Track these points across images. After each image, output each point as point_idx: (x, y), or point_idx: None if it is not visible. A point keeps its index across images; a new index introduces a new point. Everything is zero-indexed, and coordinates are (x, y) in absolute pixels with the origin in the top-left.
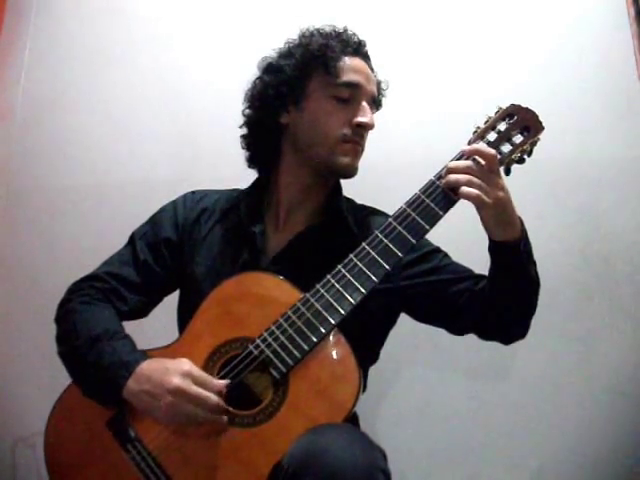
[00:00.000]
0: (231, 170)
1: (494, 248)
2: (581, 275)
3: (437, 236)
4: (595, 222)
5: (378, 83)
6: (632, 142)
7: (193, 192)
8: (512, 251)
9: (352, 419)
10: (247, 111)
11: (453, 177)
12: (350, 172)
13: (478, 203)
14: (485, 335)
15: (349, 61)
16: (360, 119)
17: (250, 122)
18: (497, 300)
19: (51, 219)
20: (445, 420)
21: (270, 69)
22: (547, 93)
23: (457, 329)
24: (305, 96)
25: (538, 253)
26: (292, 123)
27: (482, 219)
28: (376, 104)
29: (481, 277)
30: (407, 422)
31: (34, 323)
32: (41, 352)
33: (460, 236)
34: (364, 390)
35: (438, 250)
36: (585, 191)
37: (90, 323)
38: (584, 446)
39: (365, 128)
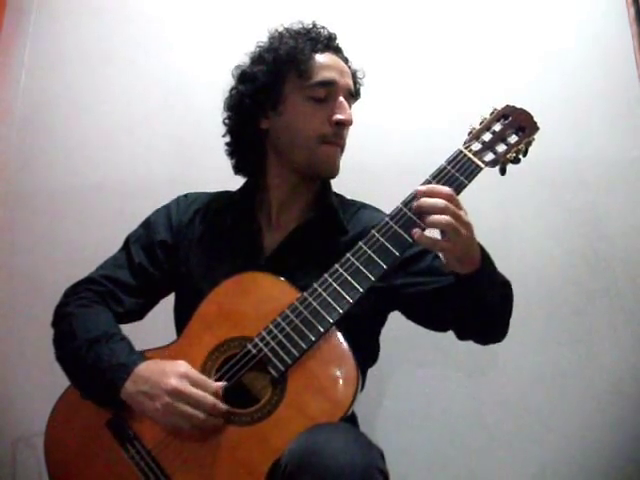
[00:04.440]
0: (231, 170)
1: (455, 278)
2: (581, 275)
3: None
4: (595, 222)
5: (353, 73)
6: (632, 143)
7: (185, 195)
8: (471, 282)
9: (350, 419)
10: (227, 121)
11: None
12: (332, 172)
13: (449, 231)
14: (461, 337)
15: (320, 58)
16: (338, 117)
17: (231, 131)
18: (466, 313)
19: (51, 219)
20: (445, 420)
21: (244, 78)
22: (547, 93)
23: (439, 328)
24: (281, 100)
25: (538, 253)
26: (272, 127)
27: (445, 257)
28: (354, 95)
29: None
30: (406, 422)
31: (34, 323)
32: (41, 352)
33: None
34: (362, 389)
35: (429, 250)
36: (585, 192)
37: (88, 326)
38: (584, 446)
39: (344, 125)
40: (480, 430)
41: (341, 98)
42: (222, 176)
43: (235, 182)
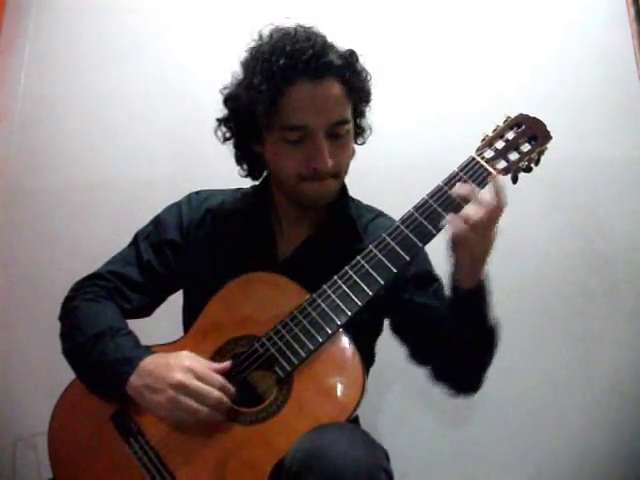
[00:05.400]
0: (232, 170)
1: (454, 291)
2: (581, 275)
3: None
4: (595, 222)
5: (355, 75)
6: (632, 142)
7: (197, 192)
8: (473, 296)
9: (353, 420)
10: (224, 138)
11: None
12: (319, 204)
13: (480, 225)
14: (435, 379)
15: (291, 96)
16: (313, 165)
17: (233, 146)
18: (451, 342)
19: (51, 219)
20: (446, 420)
21: (227, 104)
22: (547, 93)
23: (417, 359)
24: (262, 134)
25: (538, 253)
26: (263, 154)
27: (460, 258)
28: (361, 101)
29: None
30: (409, 422)
31: (34, 323)
32: (41, 352)
33: None
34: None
35: (439, 280)
36: (585, 191)
37: (94, 320)
38: (584, 446)
39: (320, 171)
40: (480, 430)
41: (319, 140)
42: (225, 175)
43: (237, 181)
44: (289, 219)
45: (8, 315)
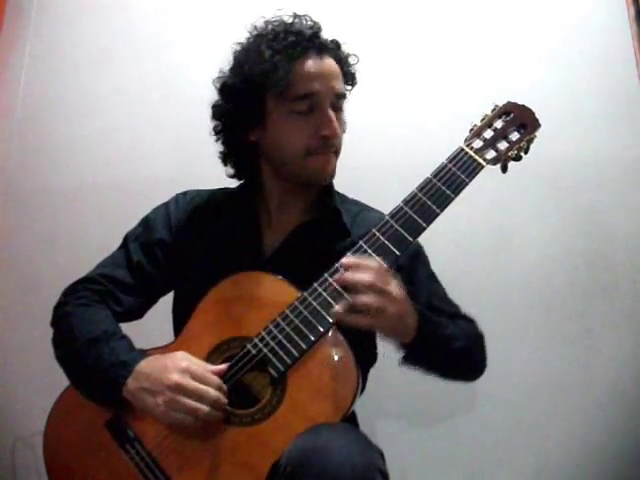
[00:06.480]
0: None
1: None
2: (581, 275)
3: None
4: (595, 222)
5: (345, 59)
6: (632, 142)
7: (184, 193)
8: (409, 350)
9: (350, 419)
10: (216, 130)
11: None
12: (324, 180)
13: (372, 311)
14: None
15: (300, 67)
16: (323, 132)
17: (222, 142)
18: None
19: (51, 219)
20: (444, 421)
21: (224, 92)
22: (547, 93)
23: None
24: (265, 115)
25: (538, 253)
26: (261, 140)
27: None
28: (349, 83)
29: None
30: (406, 422)
31: (34, 323)
32: (41, 352)
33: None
34: (362, 392)
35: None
36: (585, 191)
37: (87, 325)
38: (584, 446)
39: (330, 138)
40: (479, 430)
41: (326, 108)
42: (223, 175)
43: (236, 181)
44: (279, 208)
45: (8, 315)
